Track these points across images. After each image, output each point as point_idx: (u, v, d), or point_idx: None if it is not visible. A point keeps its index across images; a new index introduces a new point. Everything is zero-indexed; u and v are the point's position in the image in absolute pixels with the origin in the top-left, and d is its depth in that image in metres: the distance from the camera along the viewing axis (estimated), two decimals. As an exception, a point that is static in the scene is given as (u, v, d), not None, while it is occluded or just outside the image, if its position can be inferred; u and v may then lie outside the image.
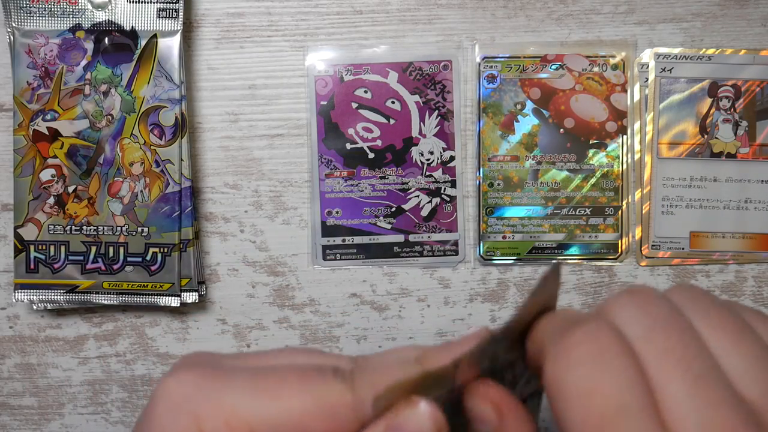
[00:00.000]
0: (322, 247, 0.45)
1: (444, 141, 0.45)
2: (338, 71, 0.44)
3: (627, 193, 0.45)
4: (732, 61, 0.44)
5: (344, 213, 0.45)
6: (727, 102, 0.45)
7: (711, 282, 0.46)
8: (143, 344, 0.46)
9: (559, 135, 0.45)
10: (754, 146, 0.45)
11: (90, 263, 0.43)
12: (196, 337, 0.46)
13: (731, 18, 0.44)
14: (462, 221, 0.45)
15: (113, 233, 0.43)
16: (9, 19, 0.42)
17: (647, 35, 0.44)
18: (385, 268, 0.46)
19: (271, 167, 0.45)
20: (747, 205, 0.45)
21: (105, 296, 0.43)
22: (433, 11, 0.44)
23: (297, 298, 0.46)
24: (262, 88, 0.45)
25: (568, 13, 0.44)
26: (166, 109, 0.42)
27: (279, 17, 0.44)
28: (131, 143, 0.42)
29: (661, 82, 0.45)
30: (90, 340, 0.46)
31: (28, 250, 0.43)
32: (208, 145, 0.45)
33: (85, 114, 0.42)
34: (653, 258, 0.45)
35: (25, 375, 0.46)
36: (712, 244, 0.45)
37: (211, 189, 0.45)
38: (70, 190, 0.42)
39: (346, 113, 0.45)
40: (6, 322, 0.46)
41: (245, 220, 0.45)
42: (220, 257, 0.45)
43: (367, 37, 0.44)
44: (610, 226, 0.45)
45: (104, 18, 0.42)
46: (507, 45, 0.44)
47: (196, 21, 0.44)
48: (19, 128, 0.42)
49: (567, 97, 0.45)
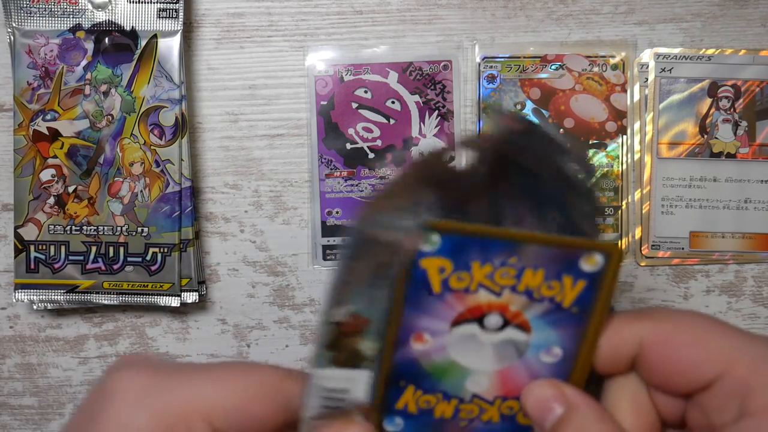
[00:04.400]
0: (323, 247, 0.45)
1: (444, 141, 0.45)
2: (338, 71, 0.44)
3: (627, 193, 0.45)
4: (732, 61, 0.44)
5: (344, 213, 0.45)
6: (726, 102, 0.45)
7: (711, 282, 0.46)
8: (143, 344, 0.46)
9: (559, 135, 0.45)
10: (753, 146, 0.45)
11: (90, 263, 0.43)
12: (196, 337, 0.46)
13: (731, 18, 0.44)
14: (462, 221, 0.45)
15: (113, 233, 0.43)
16: (9, 19, 0.42)
17: (647, 35, 0.45)
18: (385, 268, 0.46)
19: (271, 167, 0.45)
20: (747, 205, 0.45)
21: (105, 296, 0.43)
22: (433, 11, 0.44)
23: (297, 298, 0.46)
24: (262, 88, 0.45)
25: (568, 13, 0.44)
26: (166, 109, 0.42)
27: (279, 17, 0.44)
28: (131, 143, 0.42)
29: (661, 82, 0.45)
30: (90, 340, 0.46)
31: (29, 250, 0.43)
32: (208, 145, 0.45)
33: (85, 114, 0.42)
34: (653, 258, 0.45)
35: (25, 375, 0.46)
36: (712, 244, 0.45)
37: (211, 189, 0.45)
38: (70, 190, 0.42)
39: (346, 113, 0.45)
40: (6, 322, 0.46)
41: (245, 220, 0.45)
42: (221, 257, 0.46)
43: (367, 37, 0.44)
44: (610, 226, 0.45)
45: (104, 18, 0.42)
46: (507, 45, 0.45)
47: (196, 21, 0.44)
48: (20, 128, 0.42)
49: (567, 97, 0.45)
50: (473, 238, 0.22)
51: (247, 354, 0.46)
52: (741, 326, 0.45)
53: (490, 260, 0.22)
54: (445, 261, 0.22)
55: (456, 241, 0.22)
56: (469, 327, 0.24)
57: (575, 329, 0.24)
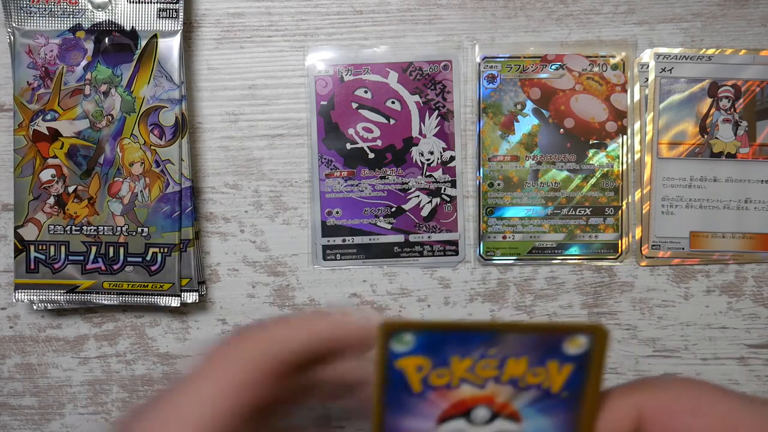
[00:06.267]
0: (323, 247, 0.45)
1: (444, 141, 0.45)
2: (338, 71, 0.44)
3: (627, 193, 0.45)
4: (732, 61, 0.44)
5: (344, 213, 0.45)
6: (727, 102, 0.45)
7: (711, 282, 0.46)
8: (143, 344, 0.46)
9: (559, 135, 0.45)
10: (754, 146, 0.45)
11: (90, 263, 0.43)
12: (196, 337, 0.46)
13: (731, 18, 0.44)
14: (462, 221, 0.45)
15: (113, 233, 0.43)
16: (9, 19, 0.42)
17: (647, 35, 0.44)
18: (385, 268, 0.46)
19: (271, 167, 0.45)
20: (747, 205, 0.45)
21: (105, 296, 0.43)
22: (433, 11, 0.44)
23: (297, 298, 0.46)
24: (262, 88, 0.45)
25: (568, 13, 0.44)
26: (166, 109, 0.42)
27: (279, 17, 0.44)
28: (131, 143, 0.42)
29: (661, 82, 0.45)
30: (90, 340, 0.46)
31: (29, 250, 0.43)
32: (208, 145, 0.45)
33: (85, 114, 0.42)
34: (653, 258, 0.45)
35: (25, 375, 0.46)
36: (712, 244, 0.45)
37: (211, 189, 0.45)
38: (70, 190, 0.42)
39: (346, 113, 0.45)
40: (6, 322, 0.46)
41: (245, 220, 0.45)
42: (221, 257, 0.46)
43: (367, 37, 0.44)
44: (610, 226, 0.45)
45: (104, 18, 0.42)
46: (507, 45, 0.44)
47: (196, 21, 0.44)
48: (20, 128, 0.42)
49: (567, 97, 0.45)
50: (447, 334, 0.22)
51: (247, 354, 0.46)
52: (741, 326, 0.44)
53: (468, 353, 0.22)
54: (422, 359, 0.22)
55: (431, 338, 0.22)
56: (457, 423, 0.23)
57: (568, 414, 0.23)
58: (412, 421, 0.23)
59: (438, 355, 0.22)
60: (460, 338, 0.22)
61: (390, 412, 0.23)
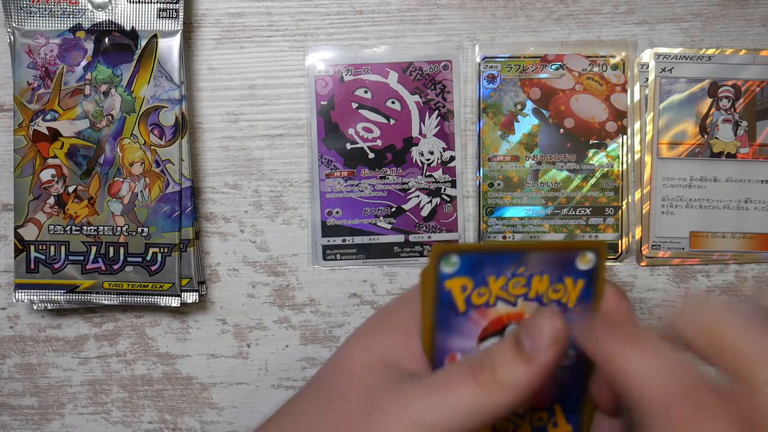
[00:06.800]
0: (323, 247, 0.45)
1: (444, 141, 0.45)
2: (338, 71, 0.44)
3: (627, 193, 0.45)
4: (732, 61, 0.44)
5: (344, 213, 0.45)
6: (727, 102, 0.45)
7: (711, 282, 0.46)
8: (143, 344, 0.46)
9: (559, 135, 0.45)
10: (754, 146, 0.45)
11: (90, 263, 0.43)
12: (196, 337, 0.46)
13: (731, 18, 0.44)
14: (462, 221, 0.45)
15: (113, 233, 0.43)
16: (9, 19, 0.42)
17: (647, 35, 0.44)
18: (385, 268, 0.46)
19: (271, 167, 0.45)
20: (747, 205, 0.45)
21: (105, 296, 0.43)
22: (433, 11, 0.44)
23: (297, 298, 0.46)
24: (262, 88, 0.45)
25: (568, 13, 0.44)
26: (166, 109, 0.42)
27: (279, 17, 0.44)
28: (131, 143, 0.42)
29: (661, 82, 0.45)
30: (90, 340, 0.46)
31: (29, 250, 0.43)
32: (209, 145, 0.45)
33: (85, 114, 0.42)
34: (653, 258, 0.45)
35: (25, 375, 0.46)
36: (712, 244, 0.45)
37: (211, 189, 0.45)
38: (70, 190, 0.42)
39: (346, 113, 0.45)
40: (6, 322, 0.46)
41: (245, 220, 0.45)
42: (221, 257, 0.46)
43: (367, 37, 0.44)
44: (610, 226, 0.45)
45: (104, 18, 0.42)
46: (507, 45, 0.44)
47: (197, 21, 0.44)
48: (19, 128, 0.42)
49: (567, 97, 0.45)
50: (486, 254, 0.24)
51: (247, 354, 0.46)
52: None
53: (503, 272, 0.25)
54: (466, 279, 0.25)
55: (472, 259, 0.24)
56: (493, 341, 0.25)
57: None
58: (458, 340, 0.26)
59: (478, 275, 0.25)
60: (495, 259, 0.25)
61: (439, 332, 0.25)
